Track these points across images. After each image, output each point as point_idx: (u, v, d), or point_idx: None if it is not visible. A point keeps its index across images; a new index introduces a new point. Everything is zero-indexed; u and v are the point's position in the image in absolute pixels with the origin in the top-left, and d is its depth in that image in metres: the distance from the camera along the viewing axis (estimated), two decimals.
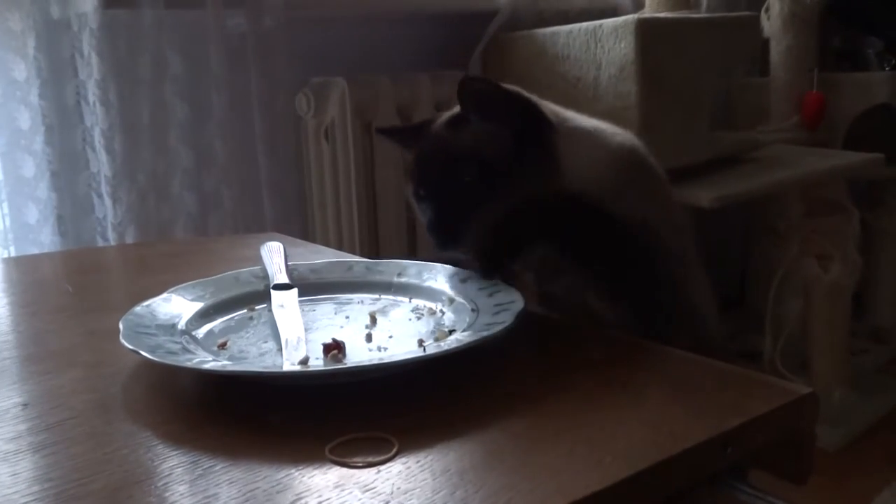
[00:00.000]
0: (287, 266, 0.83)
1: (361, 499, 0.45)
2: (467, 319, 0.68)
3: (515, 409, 0.56)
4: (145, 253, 1.25)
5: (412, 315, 0.73)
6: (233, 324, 0.73)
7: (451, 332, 0.66)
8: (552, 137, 0.75)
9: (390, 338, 0.67)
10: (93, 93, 1.49)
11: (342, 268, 0.85)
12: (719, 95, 2.35)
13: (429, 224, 0.75)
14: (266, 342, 0.68)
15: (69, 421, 0.57)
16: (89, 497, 0.46)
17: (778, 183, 1.88)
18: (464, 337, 0.63)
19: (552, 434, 0.52)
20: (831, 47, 2.61)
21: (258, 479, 0.47)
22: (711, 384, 0.60)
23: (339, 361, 0.62)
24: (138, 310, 0.71)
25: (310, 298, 0.78)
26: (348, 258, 0.96)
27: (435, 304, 0.74)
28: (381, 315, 0.73)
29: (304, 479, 0.47)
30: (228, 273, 0.82)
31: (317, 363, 0.61)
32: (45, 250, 1.49)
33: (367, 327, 0.70)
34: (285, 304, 0.74)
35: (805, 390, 0.55)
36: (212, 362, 0.62)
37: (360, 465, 0.48)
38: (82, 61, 1.50)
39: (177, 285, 0.77)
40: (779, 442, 0.56)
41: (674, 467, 0.48)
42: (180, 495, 0.46)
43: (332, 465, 0.48)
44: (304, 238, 1.54)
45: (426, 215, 0.76)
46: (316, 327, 0.71)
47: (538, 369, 0.64)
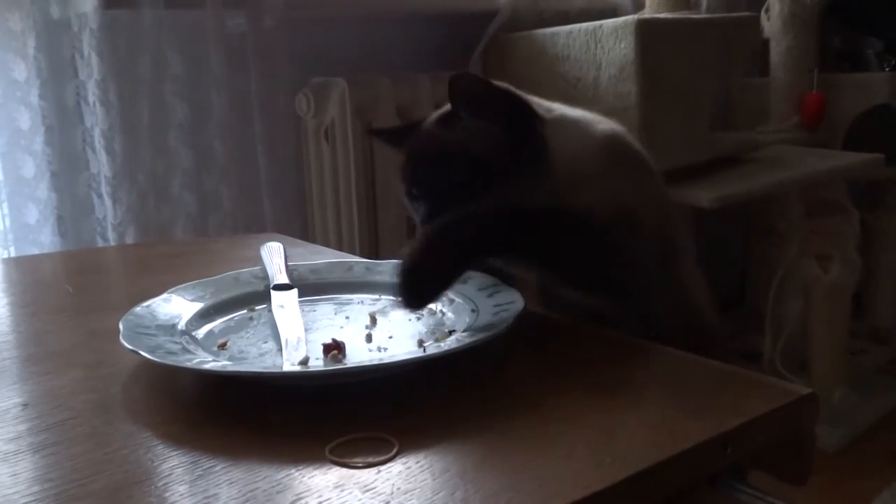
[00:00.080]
0: (287, 266, 0.83)
1: (361, 499, 0.45)
2: (467, 320, 0.68)
3: (515, 410, 0.56)
4: (145, 253, 1.24)
5: (412, 315, 0.73)
6: (233, 324, 0.73)
7: (451, 332, 0.66)
8: (540, 129, 0.76)
9: (390, 338, 0.67)
10: (93, 93, 1.49)
11: (342, 268, 0.85)
12: (719, 96, 2.35)
13: (423, 223, 0.75)
14: (266, 342, 0.68)
15: (69, 421, 0.57)
16: (89, 497, 0.46)
17: (778, 183, 1.88)
18: (464, 337, 0.63)
19: (552, 434, 0.52)
20: (831, 48, 2.61)
21: (258, 479, 0.47)
22: (711, 384, 0.60)
23: (339, 362, 0.62)
24: (138, 310, 0.71)
25: (310, 299, 0.78)
26: (348, 258, 0.96)
27: (435, 305, 0.74)
28: (381, 315, 0.73)
29: (304, 479, 0.47)
30: (228, 273, 0.82)
31: (317, 363, 0.61)
32: (45, 251, 1.49)
33: (367, 328, 0.70)
34: (285, 305, 0.74)
35: (805, 390, 0.55)
36: (212, 363, 0.62)
37: (361, 465, 0.48)
38: (82, 61, 1.50)
39: (177, 286, 0.77)
40: (779, 442, 0.56)
41: (674, 468, 0.48)
42: (180, 495, 0.46)
43: (332, 466, 0.48)
44: (304, 238, 1.54)
45: (419, 214, 0.76)
46: (316, 328, 0.71)
47: (538, 369, 0.64)
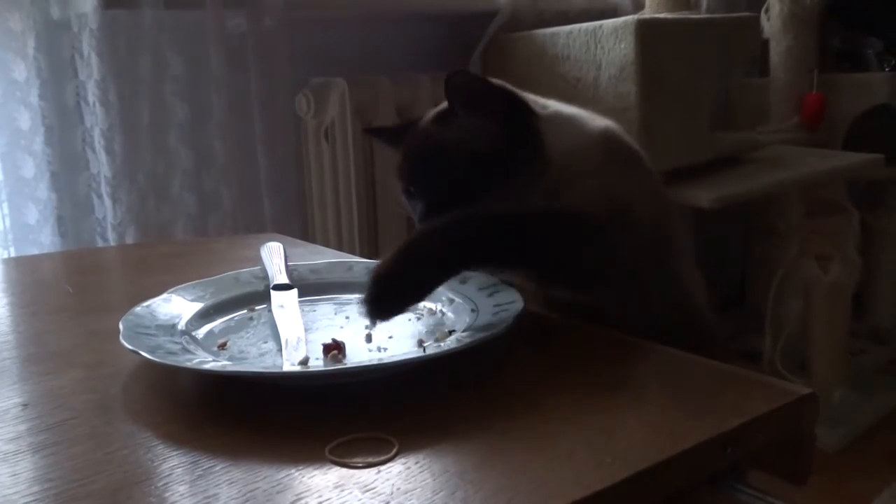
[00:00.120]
0: (287, 266, 0.83)
1: (361, 499, 0.45)
2: (467, 320, 0.68)
3: (515, 410, 0.56)
4: (145, 253, 1.24)
5: (412, 315, 0.73)
6: (233, 324, 0.73)
7: (450, 332, 0.66)
8: (536, 124, 0.76)
9: (390, 338, 0.67)
10: (93, 93, 1.49)
11: (342, 268, 0.85)
12: (719, 96, 2.35)
13: (420, 221, 0.75)
14: (266, 342, 0.68)
15: (69, 421, 0.57)
16: (89, 497, 0.46)
17: (778, 183, 1.88)
18: (464, 337, 0.63)
19: (552, 434, 0.52)
20: (831, 48, 2.61)
21: (258, 479, 0.47)
22: (711, 384, 0.60)
23: (339, 362, 0.62)
24: (138, 310, 0.71)
25: (310, 299, 0.78)
26: (348, 258, 0.96)
27: (435, 305, 0.74)
28: None
29: (304, 479, 0.47)
30: (228, 273, 0.82)
31: (317, 363, 0.61)
32: (44, 251, 1.49)
33: (366, 328, 0.70)
34: (285, 305, 0.75)
35: (805, 391, 0.55)
36: (212, 363, 0.62)
37: (361, 465, 0.48)
38: (82, 62, 1.50)
39: (177, 286, 0.77)
40: (779, 442, 0.56)
41: (674, 468, 0.48)
42: (180, 496, 0.46)
43: (332, 466, 0.48)
44: (303, 238, 1.54)
45: (417, 212, 0.76)
46: (316, 328, 0.71)
47: (538, 369, 0.64)
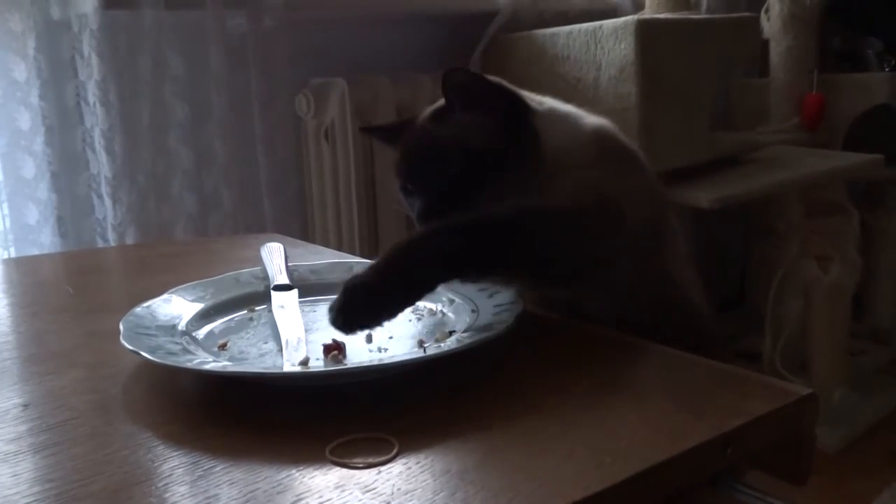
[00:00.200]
0: (287, 267, 0.83)
1: (362, 499, 0.45)
2: (467, 320, 0.69)
3: (515, 410, 0.56)
4: (145, 254, 1.25)
5: (412, 316, 0.73)
6: (233, 325, 0.74)
7: (451, 332, 0.67)
8: (532, 120, 0.76)
9: (390, 338, 0.67)
10: (93, 93, 1.49)
11: (342, 269, 0.85)
12: (719, 96, 2.35)
13: (418, 218, 0.75)
14: (266, 343, 0.68)
15: (70, 422, 0.57)
16: (90, 498, 0.47)
17: (778, 184, 1.88)
18: (464, 337, 0.63)
19: (552, 435, 0.52)
20: (831, 48, 2.61)
21: (259, 479, 0.47)
22: (711, 384, 0.60)
23: (340, 362, 0.62)
24: (138, 311, 0.71)
25: (310, 299, 0.78)
26: (348, 259, 0.96)
27: (435, 305, 0.74)
28: None
29: (304, 479, 0.47)
30: (229, 274, 0.82)
31: (317, 364, 0.62)
32: (45, 251, 1.49)
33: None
34: (285, 305, 0.75)
35: (805, 391, 0.55)
36: (212, 363, 0.62)
37: (361, 465, 0.48)
38: (82, 62, 1.50)
39: (177, 286, 0.77)
40: (779, 443, 0.56)
41: (674, 468, 0.48)
42: (181, 496, 0.46)
43: (332, 466, 0.48)
44: (304, 238, 1.54)
45: (415, 209, 0.76)
46: (316, 328, 0.71)
47: (538, 369, 0.64)
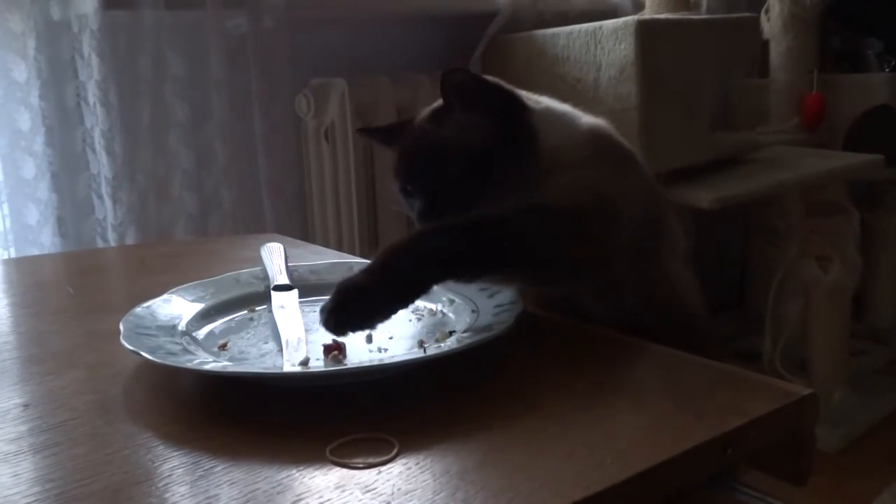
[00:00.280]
0: (287, 267, 0.84)
1: (362, 500, 0.45)
2: (467, 320, 0.69)
3: (516, 410, 0.56)
4: (145, 254, 1.25)
5: (412, 316, 0.73)
6: (233, 325, 0.74)
7: (451, 332, 0.67)
8: (530, 119, 0.77)
9: (390, 338, 0.67)
10: (93, 94, 1.49)
11: (343, 269, 0.85)
12: (719, 96, 2.35)
13: (419, 219, 0.75)
14: (266, 343, 0.68)
15: (70, 422, 0.57)
16: (90, 498, 0.47)
17: (778, 184, 1.88)
18: (464, 337, 0.63)
19: (552, 435, 0.52)
20: (831, 48, 2.61)
21: (259, 479, 0.47)
22: (711, 385, 0.60)
23: (340, 362, 0.62)
24: (139, 311, 0.71)
25: (310, 299, 0.78)
26: (348, 259, 0.96)
27: (435, 305, 0.74)
28: None
29: (304, 479, 0.47)
30: (229, 274, 0.82)
31: (317, 364, 0.62)
32: (45, 251, 1.49)
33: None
34: (286, 306, 0.75)
35: (805, 391, 0.55)
36: (212, 363, 0.62)
37: (361, 465, 0.48)
38: (82, 62, 1.50)
39: (177, 286, 0.77)
40: (779, 443, 0.56)
41: (674, 468, 0.48)
42: (181, 496, 0.46)
43: (332, 466, 0.48)
44: (304, 238, 1.54)
45: (415, 211, 0.76)
46: (316, 328, 0.70)
47: (538, 369, 0.64)
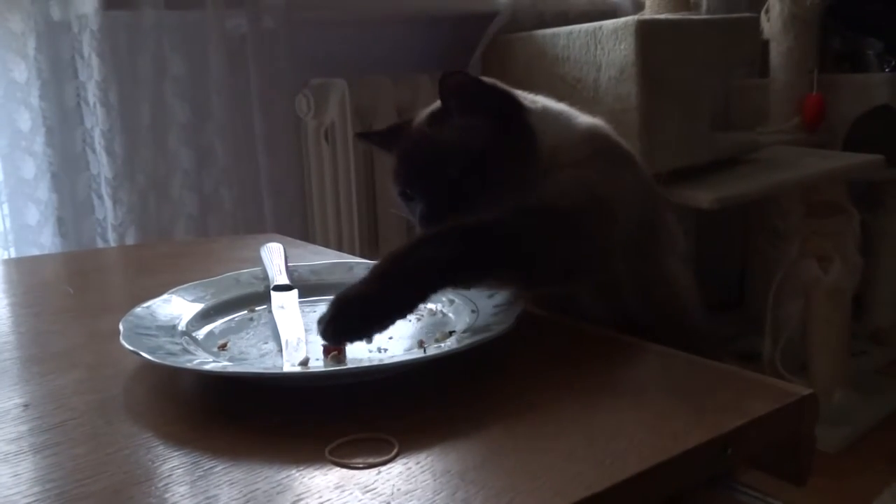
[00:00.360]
0: (287, 267, 0.83)
1: (362, 500, 0.45)
2: (467, 320, 0.69)
3: (516, 410, 0.56)
4: (145, 254, 1.25)
5: (412, 316, 0.72)
6: (233, 325, 0.74)
7: (451, 332, 0.67)
8: (527, 119, 0.77)
9: (390, 339, 0.67)
10: (93, 94, 1.49)
11: (343, 269, 0.85)
12: (719, 97, 2.35)
13: (421, 222, 0.75)
14: (266, 343, 0.68)
15: (70, 422, 0.57)
16: (90, 498, 0.47)
17: (778, 184, 1.88)
18: (464, 337, 0.63)
19: (553, 435, 0.52)
20: (831, 49, 2.61)
21: (259, 479, 0.47)
22: (711, 385, 0.60)
23: (340, 362, 0.62)
24: (139, 311, 0.71)
25: (310, 300, 0.78)
26: (349, 259, 0.96)
27: (435, 305, 0.74)
28: None
29: (304, 479, 0.47)
30: (229, 274, 0.82)
31: (317, 364, 0.62)
32: (45, 252, 1.49)
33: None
34: (285, 306, 0.75)
35: (805, 391, 0.55)
36: (212, 363, 0.62)
37: (361, 465, 0.48)
38: (83, 62, 1.50)
39: (177, 286, 0.77)
40: (779, 443, 0.56)
41: (674, 468, 0.48)
42: (181, 496, 0.46)
43: (332, 466, 0.48)
44: (304, 238, 1.54)
45: (416, 214, 0.76)
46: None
47: (538, 369, 0.64)
